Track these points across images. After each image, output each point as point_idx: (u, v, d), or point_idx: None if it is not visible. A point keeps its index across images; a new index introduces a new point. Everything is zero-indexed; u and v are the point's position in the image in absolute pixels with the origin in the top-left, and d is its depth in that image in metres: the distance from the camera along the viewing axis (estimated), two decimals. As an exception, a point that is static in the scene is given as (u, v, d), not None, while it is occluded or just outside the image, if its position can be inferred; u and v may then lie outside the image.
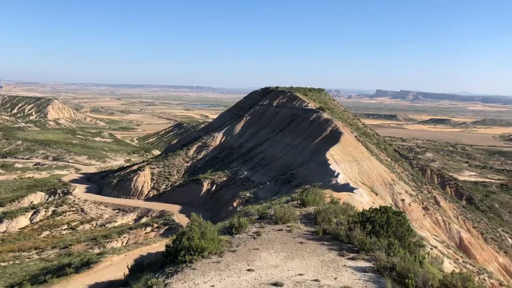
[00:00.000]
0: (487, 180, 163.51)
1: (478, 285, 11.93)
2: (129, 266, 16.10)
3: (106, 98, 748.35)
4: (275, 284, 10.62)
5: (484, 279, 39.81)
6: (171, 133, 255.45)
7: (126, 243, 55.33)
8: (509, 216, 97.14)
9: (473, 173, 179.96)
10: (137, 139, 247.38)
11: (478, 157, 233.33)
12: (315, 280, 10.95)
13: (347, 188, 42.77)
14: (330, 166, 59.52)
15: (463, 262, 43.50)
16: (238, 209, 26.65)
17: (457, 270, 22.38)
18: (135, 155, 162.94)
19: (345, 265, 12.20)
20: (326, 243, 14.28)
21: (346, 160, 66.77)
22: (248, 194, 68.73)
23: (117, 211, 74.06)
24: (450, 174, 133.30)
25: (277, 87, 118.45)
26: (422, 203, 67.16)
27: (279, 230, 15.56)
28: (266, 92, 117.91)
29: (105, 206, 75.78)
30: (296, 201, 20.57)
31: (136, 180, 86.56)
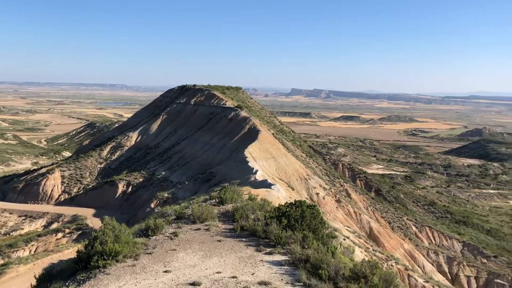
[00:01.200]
0: (393, 172, 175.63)
1: (385, 272, 12.75)
2: (37, 276, 15.05)
3: (8, 96, 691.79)
4: (192, 284, 10.53)
5: (391, 265, 42.73)
6: (83, 134, 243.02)
7: (35, 251, 51.74)
8: (413, 205, 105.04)
9: (381, 166, 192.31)
10: (45, 141, 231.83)
11: (384, 151, 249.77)
12: (233, 277, 11.03)
13: (265, 184, 43.67)
14: (249, 164, 60.36)
15: (373, 250, 46.32)
16: (156, 210, 26.05)
17: (367, 258, 23.75)
18: (44, 157, 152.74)
19: (262, 260, 12.43)
20: (244, 239, 14.44)
21: (264, 157, 68.09)
22: (166, 195, 67.49)
23: (23, 217, 68.90)
24: (360, 167, 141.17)
25: (194, 85, 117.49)
26: (335, 196, 70.42)
27: (197, 229, 15.46)
28: (184, 90, 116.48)
29: (10, 213, 70.14)
30: (214, 200, 20.56)
31: (44, 183, 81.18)
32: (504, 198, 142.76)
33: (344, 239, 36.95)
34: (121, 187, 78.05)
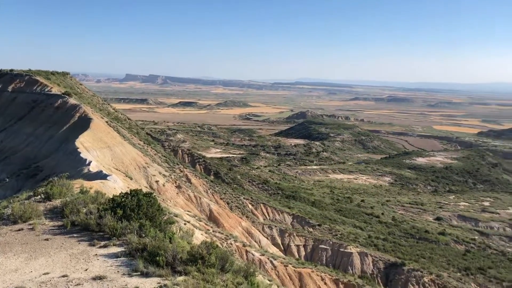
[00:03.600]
0: (230, 155, 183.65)
1: (221, 250, 13.36)
2: None
3: None
4: (15, 290, 9.54)
5: (231, 244, 44.90)
6: None
7: None
8: (248, 185, 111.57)
9: (219, 150, 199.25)
10: None
11: (222, 135, 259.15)
12: (63, 276, 10.32)
13: (100, 175, 41.46)
14: (81, 155, 56.43)
15: (213, 231, 47.96)
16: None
17: (207, 240, 24.50)
18: None
19: (96, 254, 11.88)
20: (75, 235, 13.57)
21: (98, 147, 64.41)
22: (-18, 195, 59.12)
23: None
24: (199, 152, 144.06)
25: (11, 70, 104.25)
26: (175, 182, 70.69)
27: (19, 230, 13.96)
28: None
29: None
30: (40, 196, 18.78)
31: None
32: (325, 173, 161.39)
33: (184, 224, 37.45)
34: None
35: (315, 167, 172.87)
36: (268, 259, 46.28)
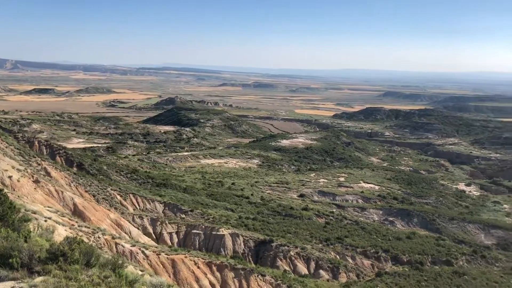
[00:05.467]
0: (94, 145, 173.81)
1: (85, 245, 12.71)
2: None
3: None
4: None
5: (99, 237, 42.79)
6: None
7: None
8: (116, 175, 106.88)
9: (82, 140, 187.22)
10: None
11: (84, 124, 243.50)
12: None
13: None
14: None
15: (79, 226, 45.13)
16: None
17: (72, 235, 23.06)
18: None
19: None
20: None
21: None
22: None
23: None
24: (59, 143, 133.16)
25: None
26: (33, 177, 64.69)
27: None
28: None
29: None
30: None
31: None
32: (196, 158, 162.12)
33: (45, 221, 34.59)
34: None
35: (186, 153, 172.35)
36: (139, 249, 45.25)
